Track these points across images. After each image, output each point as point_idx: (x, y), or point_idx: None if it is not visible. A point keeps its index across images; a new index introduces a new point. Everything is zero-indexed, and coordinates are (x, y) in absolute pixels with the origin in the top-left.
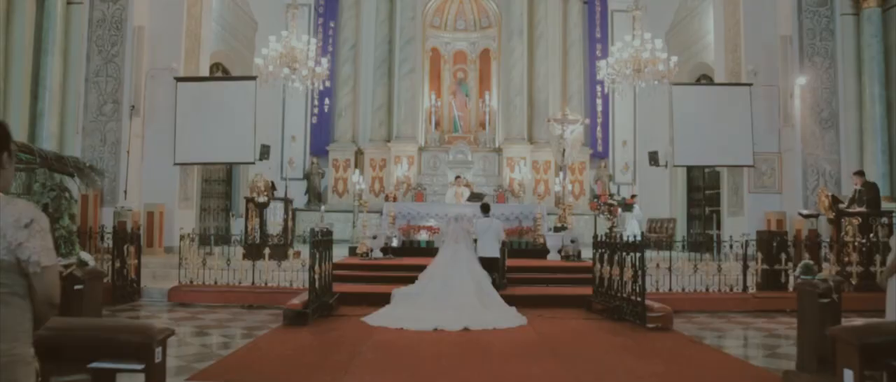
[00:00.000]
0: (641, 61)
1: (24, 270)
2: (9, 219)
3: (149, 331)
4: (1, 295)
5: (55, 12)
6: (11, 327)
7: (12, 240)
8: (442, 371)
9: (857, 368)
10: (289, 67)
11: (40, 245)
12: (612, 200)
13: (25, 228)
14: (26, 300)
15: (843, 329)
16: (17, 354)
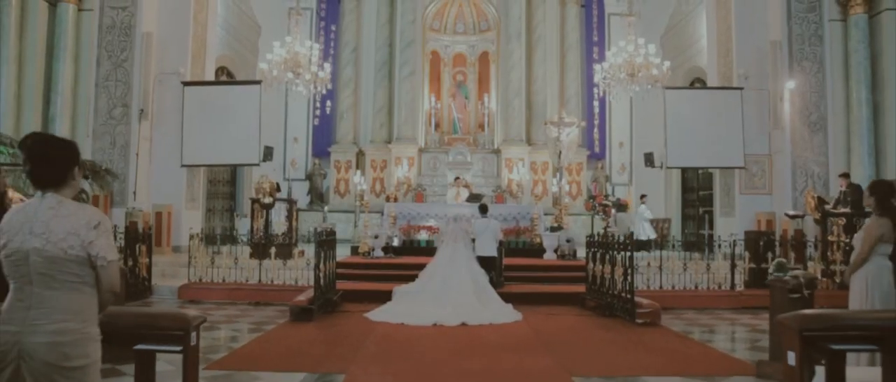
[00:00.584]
0: (635, 66)
1: (92, 264)
2: (82, 221)
3: (185, 318)
4: (75, 284)
5: (66, 19)
6: (83, 310)
7: (85, 239)
8: (440, 362)
9: (797, 351)
10: (292, 72)
11: (106, 243)
12: (607, 201)
13: (94, 229)
14: (94, 288)
15: (786, 316)
16: (87, 333)
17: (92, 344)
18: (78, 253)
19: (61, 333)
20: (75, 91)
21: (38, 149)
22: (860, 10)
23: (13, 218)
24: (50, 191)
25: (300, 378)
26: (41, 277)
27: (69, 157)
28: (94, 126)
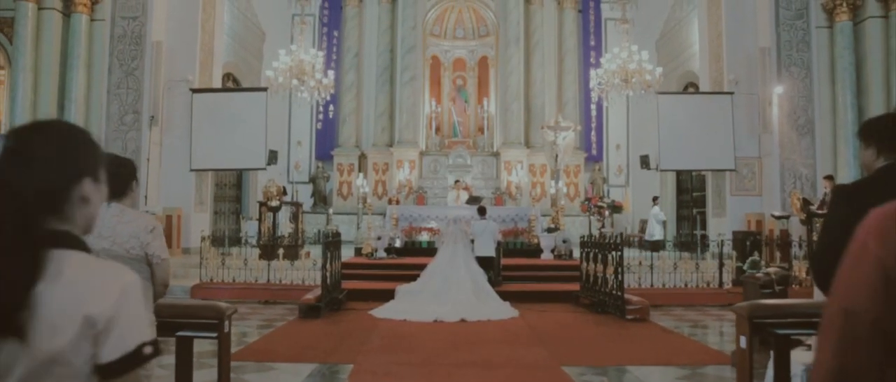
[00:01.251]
0: (629, 72)
1: (149, 261)
2: (141, 226)
3: (220, 309)
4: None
5: (80, 29)
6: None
7: (143, 241)
8: (441, 353)
9: (748, 335)
10: (297, 79)
11: (160, 244)
12: (602, 203)
13: (151, 233)
14: (149, 282)
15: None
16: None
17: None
18: (138, 253)
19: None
20: (88, 98)
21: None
22: (845, 18)
23: None
24: (114, 201)
25: (312, 368)
26: None
27: (129, 173)
28: (107, 132)
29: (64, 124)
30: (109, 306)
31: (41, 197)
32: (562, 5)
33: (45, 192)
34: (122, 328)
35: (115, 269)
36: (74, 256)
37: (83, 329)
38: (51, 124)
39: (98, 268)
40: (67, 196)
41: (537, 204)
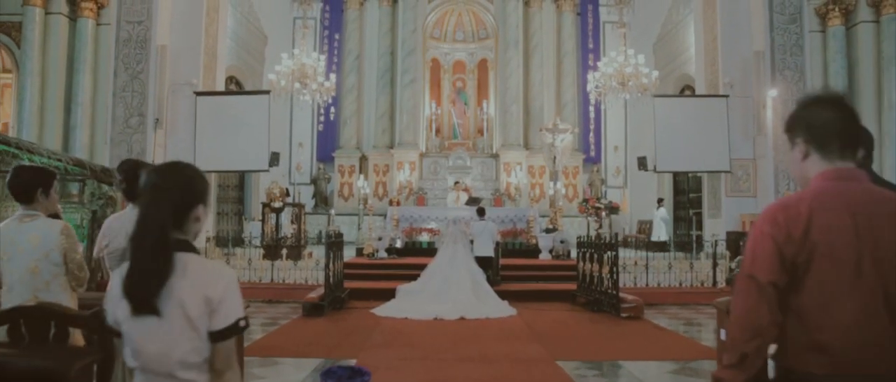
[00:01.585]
0: (625, 75)
1: None
2: None
3: None
4: None
5: (86, 34)
6: None
7: None
8: (441, 349)
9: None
10: (300, 82)
11: None
12: (599, 204)
13: None
14: None
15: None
16: None
17: None
18: None
19: None
20: (94, 101)
21: (131, 172)
22: (838, 22)
23: (112, 225)
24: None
25: (316, 363)
26: None
27: None
28: (112, 134)
29: (187, 165)
30: (220, 291)
31: (173, 217)
32: (560, 8)
33: (175, 214)
34: (227, 307)
35: (221, 266)
36: (193, 257)
37: (203, 307)
38: (179, 165)
39: (210, 265)
40: (188, 216)
41: (536, 205)
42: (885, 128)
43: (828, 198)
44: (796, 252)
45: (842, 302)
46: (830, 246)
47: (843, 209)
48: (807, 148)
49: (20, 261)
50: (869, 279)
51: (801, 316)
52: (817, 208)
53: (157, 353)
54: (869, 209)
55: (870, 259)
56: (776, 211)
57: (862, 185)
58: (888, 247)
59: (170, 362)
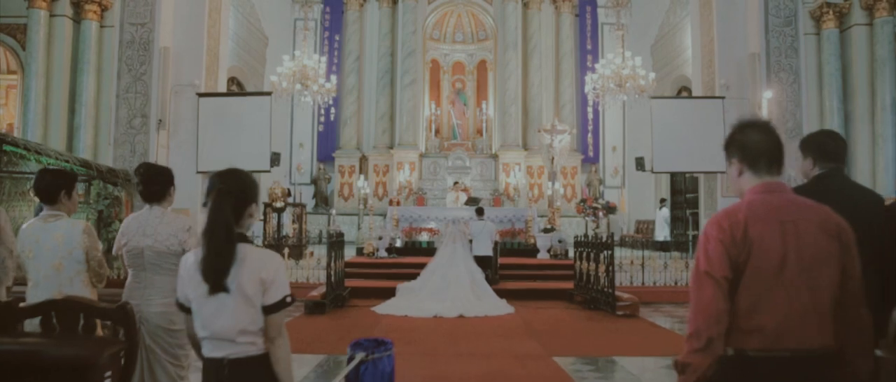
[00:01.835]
0: (623, 77)
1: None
2: (178, 226)
3: None
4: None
5: (90, 35)
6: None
7: (180, 239)
8: (440, 346)
9: None
10: (301, 84)
11: (194, 242)
12: (597, 204)
13: (187, 231)
14: None
15: None
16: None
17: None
18: (176, 249)
19: (167, 305)
20: (98, 102)
21: (148, 175)
22: (832, 25)
23: (131, 224)
24: (155, 205)
25: (319, 359)
26: (152, 266)
27: (167, 180)
28: (116, 135)
29: (242, 171)
30: (271, 274)
31: (235, 215)
32: (559, 10)
33: (237, 212)
34: (276, 286)
35: (272, 254)
36: (249, 247)
37: (258, 286)
38: (236, 171)
39: (263, 253)
40: (244, 213)
41: (535, 205)
42: (878, 129)
43: (759, 208)
44: (738, 252)
45: (771, 293)
46: (762, 248)
47: (772, 217)
48: (741, 166)
49: (45, 259)
50: (792, 273)
51: (740, 305)
52: (751, 216)
53: (223, 324)
54: (793, 216)
55: (794, 256)
56: (721, 219)
57: (786, 196)
58: (810, 247)
59: (233, 330)
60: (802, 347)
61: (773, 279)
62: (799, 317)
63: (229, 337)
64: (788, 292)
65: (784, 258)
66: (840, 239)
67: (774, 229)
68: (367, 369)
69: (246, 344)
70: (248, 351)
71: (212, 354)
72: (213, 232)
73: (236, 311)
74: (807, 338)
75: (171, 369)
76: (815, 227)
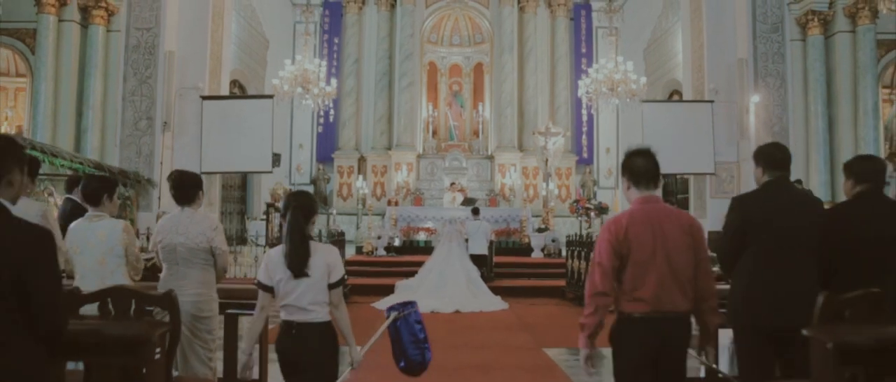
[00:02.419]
0: (614, 81)
1: (213, 252)
2: (207, 226)
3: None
4: (203, 265)
5: (97, 40)
6: (209, 281)
7: (209, 237)
8: (437, 338)
9: None
10: (302, 87)
11: (221, 239)
12: (589, 205)
13: (214, 230)
14: (213, 268)
15: None
16: (212, 296)
17: (214, 303)
18: (205, 246)
19: (198, 295)
20: (105, 105)
21: (179, 181)
22: (817, 32)
23: (165, 224)
24: (186, 206)
25: None
26: (184, 260)
27: (197, 185)
28: (122, 137)
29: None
30: (332, 261)
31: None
32: (554, 14)
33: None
34: (337, 269)
35: (331, 247)
36: (316, 243)
37: (325, 270)
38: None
39: (327, 247)
40: (310, 221)
41: (530, 205)
42: (861, 132)
43: (637, 215)
44: (621, 247)
45: (646, 275)
46: (638, 244)
47: (646, 221)
48: (629, 183)
49: (90, 254)
50: (660, 260)
51: (626, 282)
52: (631, 222)
53: (300, 298)
54: (660, 219)
55: (661, 248)
56: (610, 224)
57: (657, 205)
58: (672, 241)
59: (306, 302)
60: (669, 310)
61: (648, 265)
62: (666, 290)
63: (302, 307)
64: (658, 273)
65: (654, 250)
66: (692, 234)
67: (647, 230)
68: (401, 325)
69: (313, 312)
70: (314, 318)
71: (288, 318)
72: (292, 235)
73: (310, 289)
74: (672, 304)
75: (201, 351)
76: (675, 227)
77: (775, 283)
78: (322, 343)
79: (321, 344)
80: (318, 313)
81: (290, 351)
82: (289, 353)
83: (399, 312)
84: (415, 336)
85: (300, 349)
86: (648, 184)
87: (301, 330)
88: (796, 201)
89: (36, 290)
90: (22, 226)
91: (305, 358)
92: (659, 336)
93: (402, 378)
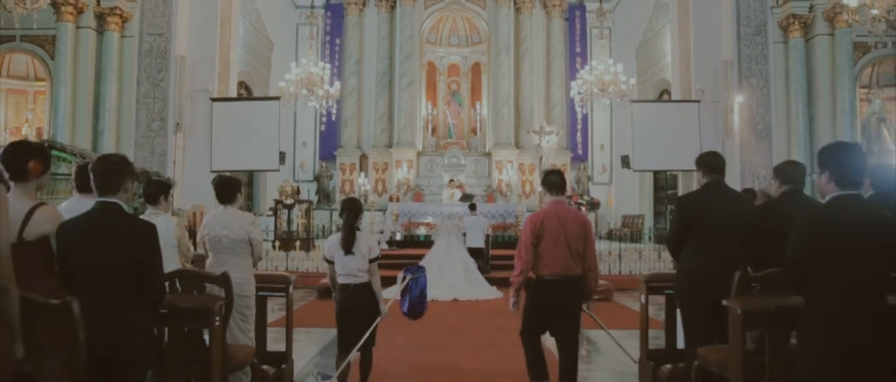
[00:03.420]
0: (605, 82)
1: (250, 243)
2: (245, 221)
3: (286, 277)
4: (243, 253)
5: (112, 46)
6: (248, 267)
7: (247, 230)
8: (436, 322)
9: (645, 293)
10: (307, 89)
11: (257, 231)
12: (581, 200)
13: (252, 224)
14: (250, 256)
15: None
16: (251, 278)
17: (252, 284)
18: (244, 237)
19: (239, 278)
20: (120, 107)
21: (221, 184)
22: (798, 35)
23: (212, 219)
24: (228, 205)
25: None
26: (227, 249)
27: (236, 187)
28: (136, 138)
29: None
30: (373, 244)
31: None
32: (549, 15)
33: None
34: (374, 250)
35: (370, 235)
36: (360, 233)
37: (367, 249)
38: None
39: (368, 235)
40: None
41: (527, 200)
42: (838, 130)
43: (550, 212)
44: (538, 232)
45: (554, 251)
46: (548, 230)
47: (555, 216)
48: (547, 192)
49: None
50: (562, 242)
51: (540, 257)
52: (545, 215)
53: (351, 268)
54: (564, 216)
55: (563, 234)
56: (532, 216)
57: (563, 207)
58: (570, 230)
59: (356, 270)
60: (567, 274)
61: (554, 244)
62: (565, 262)
63: (353, 274)
64: (561, 251)
65: (558, 235)
66: (584, 226)
67: (555, 222)
68: (412, 284)
69: (360, 277)
70: (360, 281)
71: (344, 282)
72: (345, 227)
73: (357, 262)
74: (569, 270)
75: (242, 324)
76: (573, 221)
77: (711, 265)
78: (365, 298)
79: (364, 299)
80: (362, 278)
81: (345, 302)
82: (345, 304)
83: (412, 275)
84: (421, 292)
85: (351, 301)
86: (557, 193)
87: (352, 289)
88: (728, 199)
89: (147, 269)
90: (135, 222)
91: (355, 307)
92: (562, 289)
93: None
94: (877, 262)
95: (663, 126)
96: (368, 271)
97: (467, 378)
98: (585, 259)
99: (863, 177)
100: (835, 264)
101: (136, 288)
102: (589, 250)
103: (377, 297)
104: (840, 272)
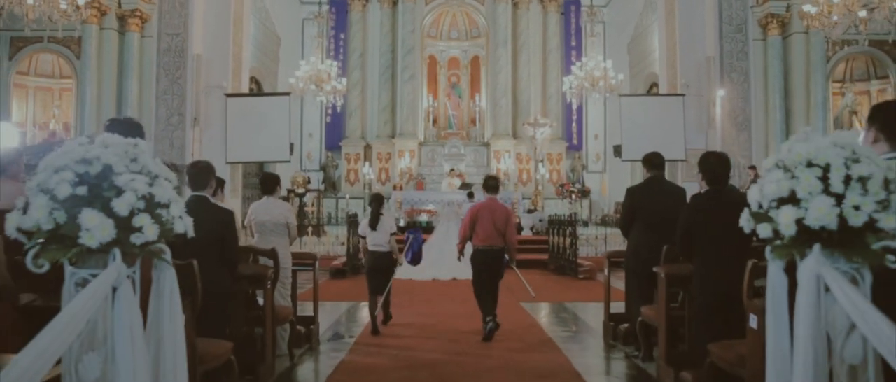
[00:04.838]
0: (595, 78)
1: (288, 226)
2: (284, 208)
3: (313, 254)
4: (282, 234)
5: (133, 45)
6: (286, 244)
7: (286, 215)
8: (435, 298)
9: (607, 270)
10: (316, 85)
11: (293, 217)
12: (574, 188)
13: (289, 211)
14: (287, 236)
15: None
16: (288, 254)
17: (290, 259)
18: (283, 221)
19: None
20: (141, 103)
21: (264, 179)
22: (776, 33)
23: (256, 208)
24: (269, 196)
25: (348, 305)
26: (270, 231)
27: (276, 181)
28: (156, 132)
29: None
30: (392, 223)
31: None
32: (546, 10)
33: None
34: (393, 228)
35: (390, 217)
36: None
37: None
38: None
39: (389, 217)
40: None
41: (524, 187)
42: (812, 124)
43: (485, 205)
44: (475, 217)
45: (484, 227)
46: (482, 216)
47: (488, 208)
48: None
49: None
50: (490, 224)
51: (476, 231)
52: (482, 206)
53: (379, 241)
54: (494, 208)
55: (491, 219)
56: (473, 208)
57: (494, 203)
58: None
59: (383, 242)
60: (492, 246)
61: (485, 225)
62: (491, 236)
63: (379, 245)
64: (488, 230)
65: (489, 219)
66: (507, 215)
67: (487, 211)
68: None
69: (383, 247)
70: (383, 249)
71: (373, 249)
72: (372, 211)
73: (381, 236)
74: (494, 243)
75: (282, 290)
76: (499, 211)
77: (650, 243)
78: (385, 261)
79: (385, 262)
80: (385, 247)
81: (374, 263)
82: (374, 264)
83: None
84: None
85: (377, 263)
86: (493, 193)
87: (378, 255)
88: (666, 191)
89: (228, 243)
90: (219, 209)
91: (379, 266)
92: (489, 256)
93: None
94: (738, 235)
95: (650, 118)
96: (389, 242)
97: (463, 337)
98: (506, 236)
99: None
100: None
101: (218, 257)
102: (509, 231)
103: (396, 255)
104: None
